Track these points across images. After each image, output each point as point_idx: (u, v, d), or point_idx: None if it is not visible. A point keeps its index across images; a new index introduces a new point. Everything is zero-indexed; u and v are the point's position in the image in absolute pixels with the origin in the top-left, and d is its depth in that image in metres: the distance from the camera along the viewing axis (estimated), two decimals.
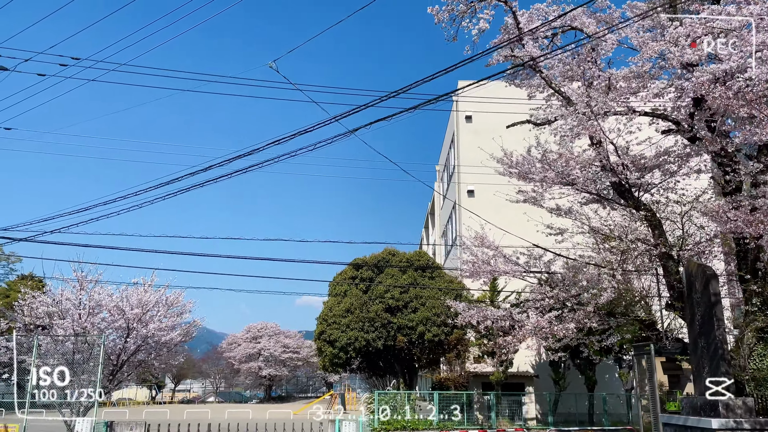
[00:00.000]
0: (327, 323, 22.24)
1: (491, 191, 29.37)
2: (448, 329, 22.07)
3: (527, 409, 24.95)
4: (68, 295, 21.34)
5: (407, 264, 23.42)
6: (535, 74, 15.40)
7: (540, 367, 26.98)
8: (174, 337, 23.71)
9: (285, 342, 77.74)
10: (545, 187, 14.42)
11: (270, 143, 10.83)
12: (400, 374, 24.38)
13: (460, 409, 22.40)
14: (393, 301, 22.29)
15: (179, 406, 59.03)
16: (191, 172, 12.33)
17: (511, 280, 19.90)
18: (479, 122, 30.20)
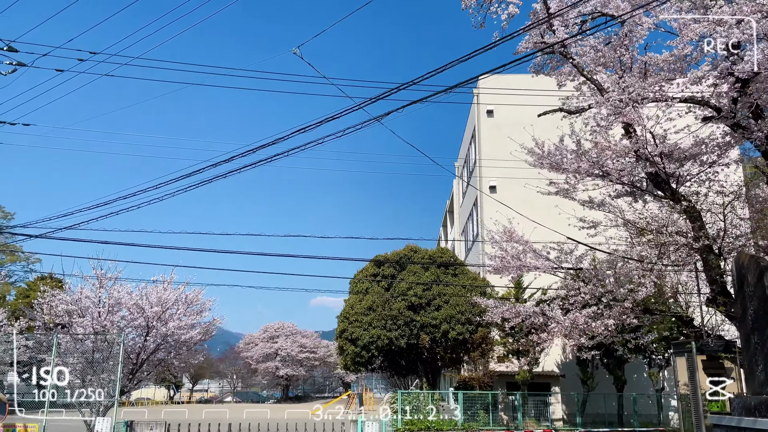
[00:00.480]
0: (348, 321, 21.78)
1: (514, 187, 28.79)
2: (473, 327, 21.52)
3: (553, 409, 24.32)
4: (87, 292, 21.11)
5: (430, 261, 22.89)
6: (566, 62, 14.80)
7: (566, 367, 26.32)
8: (194, 336, 23.40)
9: (302, 342, 77.57)
10: (579, 179, 13.84)
11: (296, 131, 10.40)
12: (423, 374, 23.88)
13: (485, 409, 21.86)
14: (416, 299, 21.78)
15: (197, 406, 59.05)
16: (213, 163, 11.93)
17: (538, 276, 19.34)
18: (501, 116, 29.60)
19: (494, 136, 28.89)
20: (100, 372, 21.11)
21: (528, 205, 27.98)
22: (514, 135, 28.88)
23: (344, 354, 21.86)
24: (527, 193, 28.89)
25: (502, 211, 26.29)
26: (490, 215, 17.56)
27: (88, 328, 20.97)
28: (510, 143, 28.37)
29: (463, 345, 22.21)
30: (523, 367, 22.74)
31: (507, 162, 28.65)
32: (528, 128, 26.89)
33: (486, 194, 28.78)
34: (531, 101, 29.98)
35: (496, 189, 28.65)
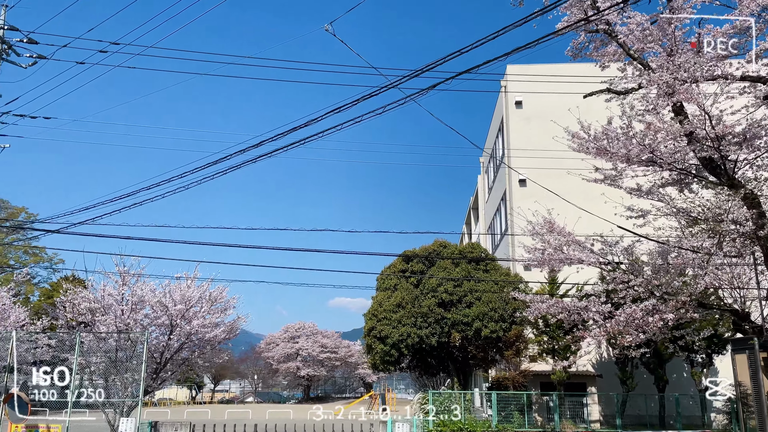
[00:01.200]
0: (377, 319, 21.04)
1: (545, 180, 27.81)
2: (506, 325, 20.65)
3: (589, 410, 23.34)
4: (110, 290, 20.63)
5: (460, 256, 22.07)
6: (611, 41, 13.93)
7: (602, 366, 25.31)
8: (218, 335, 22.82)
9: (323, 342, 77.05)
10: (628, 164, 12.96)
11: (331, 111, 9.67)
12: (454, 373, 23.05)
13: (519, 410, 20.99)
14: (446, 296, 20.96)
15: (219, 406, 58.76)
16: (241, 149, 11.26)
17: (580, 269, 18.47)
18: (530, 107, 28.67)
19: (523, 127, 27.99)
20: (123, 371, 20.62)
21: (558, 200, 27.03)
22: (545, 126, 27.95)
23: (372, 353, 21.12)
24: (559, 186, 27.92)
25: (534, 204, 25.37)
26: (520, 209, 16.67)
27: (111, 326, 20.49)
28: (540, 135, 27.48)
29: (496, 343, 21.35)
30: (558, 367, 21.81)
31: (537, 155, 27.77)
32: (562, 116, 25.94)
33: (515, 188, 27.88)
34: (563, 91, 29.03)
35: (525, 183, 27.71)
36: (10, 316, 21.83)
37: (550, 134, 27.46)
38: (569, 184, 27.89)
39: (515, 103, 28.66)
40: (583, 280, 21.46)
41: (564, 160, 27.08)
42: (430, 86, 10.84)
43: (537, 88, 28.84)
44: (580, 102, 26.04)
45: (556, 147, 26.80)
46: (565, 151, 25.69)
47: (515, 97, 28.63)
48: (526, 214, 15.74)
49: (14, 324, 21.72)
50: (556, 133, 22.81)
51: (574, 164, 27.41)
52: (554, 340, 21.50)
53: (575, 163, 26.15)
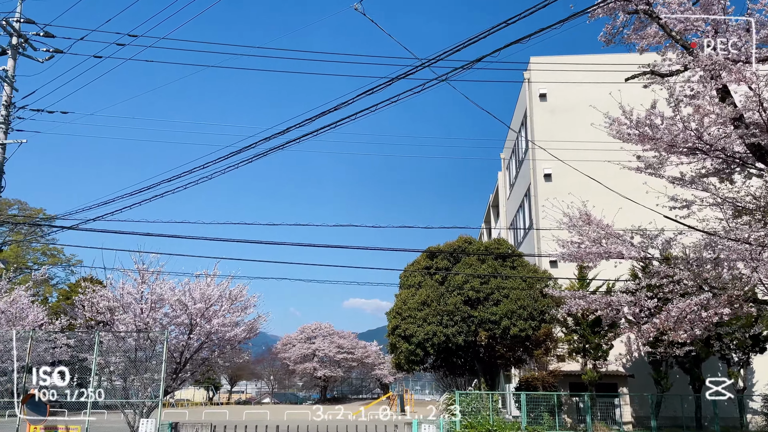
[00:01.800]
0: (401, 317, 20.42)
1: (571, 174, 27.02)
2: (536, 323, 19.94)
3: (621, 411, 22.55)
4: (129, 288, 20.21)
5: (486, 252, 21.38)
6: (651, 22, 13.21)
7: (632, 366, 24.51)
8: (238, 334, 22.32)
9: (339, 342, 76.55)
10: (673, 151, 12.24)
11: (362, 93, 9.09)
12: (481, 373, 22.35)
13: (549, 411, 20.27)
14: (473, 293, 20.29)
15: (237, 407, 58.50)
16: (266, 136, 10.72)
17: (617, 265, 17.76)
18: (555, 100, 27.91)
19: (548, 121, 27.24)
20: (142, 371, 20.19)
21: (590, 193, 26.25)
22: (571, 119, 27.23)
23: (397, 352, 20.49)
24: (586, 180, 27.15)
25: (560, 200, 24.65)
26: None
27: (130, 325, 20.07)
28: (566, 128, 26.71)
29: (524, 342, 20.65)
30: (589, 366, 21.08)
31: (563, 149, 27.00)
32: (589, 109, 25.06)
33: (540, 183, 27.14)
34: (590, 81, 28.22)
35: (551, 177, 26.98)
36: (29, 315, 21.51)
37: (577, 127, 26.75)
38: (598, 178, 27.13)
39: (539, 96, 27.91)
40: (612, 276, 20.74)
41: (592, 152, 26.33)
42: (461, 66, 10.24)
43: (562, 81, 28.09)
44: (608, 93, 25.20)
45: (584, 140, 26.05)
46: (594, 143, 24.95)
47: (539, 89, 27.88)
48: (561, 206, 15.03)
49: (32, 323, 21.39)
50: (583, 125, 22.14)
51: (603, 157, 26.62)
52: (585, 339, 20.76)
53: (604, 156, 25.37)
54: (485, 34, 9.96)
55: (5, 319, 20.66)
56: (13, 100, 18.23)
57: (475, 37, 9.64)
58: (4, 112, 17.99)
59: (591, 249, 13.74)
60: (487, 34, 10.03)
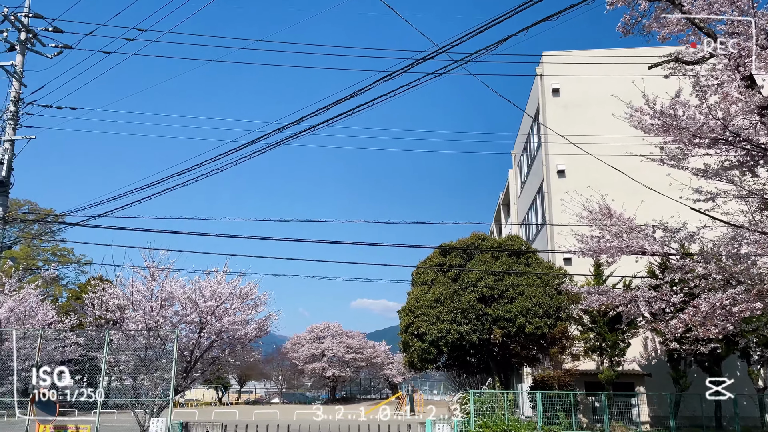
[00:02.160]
0: (414, 315, 20.08)
1: (585, 170, 26.63)
2: (551, 321, 19.56)
3: (638, 411, 22.11)
4: (139, 286, 19.99)
5: (500, 249, 21.03)
6: (674, 9, 12.84)
7: (649, 365, 24.09)
8: (249, 332, 22.07)
9: (348, 342, 76.25)
10: (696, 142, 11.85)
11: (382, 78, 8.78)
12: (495, 372, 21.99)
13: (565, 411, 19.88)
14: (487, 290, 19.93)
15: (246, 407, 58.35)
16: (279, 126, 10.43)
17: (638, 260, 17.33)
18: (569, 95, 27.49)
19: (561, 116, 26.83)
20: (153, 370, 19.98)
21: (605, 189, 25.80)
22: (585, 114, 26.80)
23: (410, 351, 20.16)
24: (600, 176, 26.72)
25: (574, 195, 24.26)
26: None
27: (140, 323, 19.86)
28: (580, 124, 26.30)
29: (539, 340, 20.27)
30: (606, 365, 20.68)
31: (578, 144, 26.57)
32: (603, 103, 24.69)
33: (553, 179, 26.74)
34: (604, 76, 27.80)
35: (565, 174, 26.58)
36: (38, 314, 21.31)
37: (590, 122, 26.33)
38: (612, 175, 26.70)
39: (552, 91, 27.52)
40: (627, 273, 20.34)
41: (607, 146, 25.90)
42: (476, 51, 9.92)
43: (576, 74, 27.68)
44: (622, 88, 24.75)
45: (598, 134, 25.64)
46: (609, 137, 24.53)
47: (552, 84, 27.48)
48: (580, 200, 14.65)
49: (42, 322, 21.21)
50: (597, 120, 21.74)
51: (618, 154, 26.18)
52: (601, 337, 20.36)
53: (619, 151, 24.93)
54: (502, 18, 9.64)
55: (14, 318, 20.48)
56: (21, 96, 18.05)
57: (493, 20, 9.31)
58: (12, 108, 17.79)
59: (612, 243, 13.36)
60: (502, 19, 9.72)
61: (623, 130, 23.87)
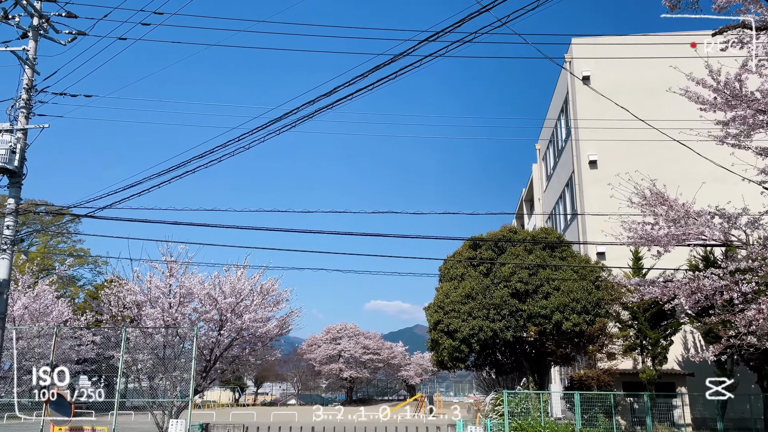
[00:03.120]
0: (443, 311, 19.08)
1: (618, 160, 25.47)
2: (590, 317, 18.47)
3: (679, 413, 20.94)
4: (157, 282, 19.21)
5: (533, 241, 19.97)
6: None
7: (689, 364, 22.91)
8: (270, 330, 21.22)
9: (365, 343, 75.30)
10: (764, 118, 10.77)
11: (421, 42, 7.82)
12: (528, 371, 20.92)
13: (605, 412, 18.78)
14: (521, 285, 18.87)
15: (264, 409, 57.65)
16: (309, 100, 9.52)
17: (692, 250, 16.28)
18: (600, 83, 26.33)
19: (592, 105, 25.69)
20: (171, 370, 19.19)
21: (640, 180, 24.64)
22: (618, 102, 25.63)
23: (439, 349, 19.16)
24: (634, 167, 25.51)
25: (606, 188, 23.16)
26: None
27: (158, 321, 19.08)
28: (613, 113, 25.15)
29: (576, 338, 19.18)
30: (647, 364, 19.56)
31: (609, 134, 25.48)
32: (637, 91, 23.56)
33: (585, 171, 25.61)
34: (638, 63, 26.63)
35: (596, 164, 25.44)
36: (53, 311, 20.58)
37: (625, 111, 25.17)
38: (648, 165, 25.52)
39: (582, 79, 26.38)
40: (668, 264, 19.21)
41: (639, 130, 24.75)
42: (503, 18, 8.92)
43: (607, 62, 26.55)
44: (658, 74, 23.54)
45: (632, 123, 24.45)
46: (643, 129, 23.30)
47: (582, 71, 26.35)
48: (639, 181, 13.60)
49: (57, 320, 20.47)
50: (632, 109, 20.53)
51: (652, 143, 24.99)
52: (642, 335, 19.23)
53: (654, 142, 23.76)
54: None
55: (28, 315, 19.76)
56: (34, 83, 17.31)
57: None
58: (25, 96, 17.00)
59: (667, 231, 12.29)
60: None
61: (661, 116, 22.70)
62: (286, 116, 9.85)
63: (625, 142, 25.30)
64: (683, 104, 24.43)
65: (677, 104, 25.17)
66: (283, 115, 9.80)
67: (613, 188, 13.87)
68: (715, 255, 19.68)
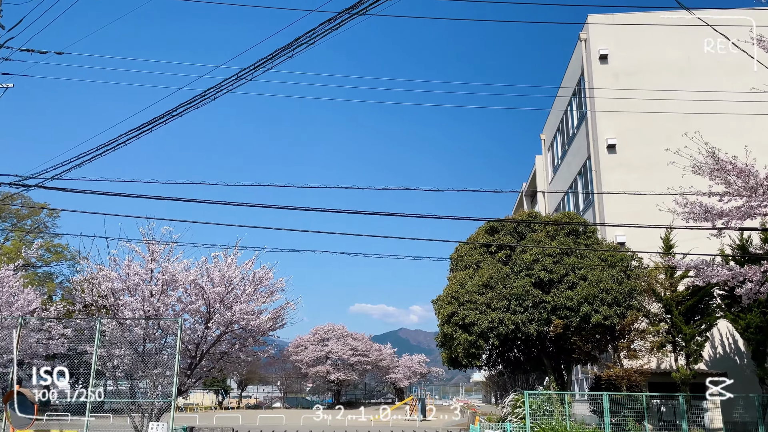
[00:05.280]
0: (458, 302, 17.12)
1: (639, 145, 23.77)
2: (621, 310, 16.64)
3: (710, 416, 19.20)
4: (136, 267, 17.05)
5: (557, 224, 18.11)
6: None
7: (721, 361, 21.24)
8: (263, 323, 19.12)
9: (353, 345, 73.21)
10: None
11: None
12: (550, 370, 19.03)
13: (635, 415, 16.96)
14: (545, 273, 16.98)
15: (248, 412, 55.32)
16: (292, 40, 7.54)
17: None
18: (619, 62, 24.62)
19: (611, 85, 23.95)
20: (152, 367, 17.05)
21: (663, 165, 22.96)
22: (639, 83, 23.92)
23: (453, 344, 17.18)
24: (657, 152, 23.81)
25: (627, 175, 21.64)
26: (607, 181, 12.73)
27: (138, 311, 16.91)
28: (632, 94, 23.46)
29: (606, 333, 17.34)
30: (681, 362, 17.78)
31: (630, 115, 23.78)
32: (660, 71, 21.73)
33: (603, 155, 23.83)
34: (656, 41, 24.95)
35: (615, 148, 23.68)
36: (18, 300, 18.27)
37: (645, 92, 23.50)
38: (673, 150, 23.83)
39: (599, 58, 24.63)
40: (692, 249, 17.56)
41: (663, 114, 23.09)
42: None
43: (626, 40, 24.86)
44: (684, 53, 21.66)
45: (654, 105, 22.75)
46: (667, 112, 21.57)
47: (600, 50, 24.60)
48: (704, 145, 11.77)
49: (22, 309, 18.17)
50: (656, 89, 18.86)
51: (676, 126, 23.26)
52: (676, 330, 17.45)
53: (679, 125, 22.05)
54: None
55: None
56: None
57: None
58: None
59: (742, 203, 10.48)
60: None
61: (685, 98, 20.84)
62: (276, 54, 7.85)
63: (646, 126, 23.62)
64: (709, 83, 22.63)
65: (703, 83, 23.62)
66: (272, 53, 7.79)
67: (673, 152, 11.98)
68: (753, 242, 18.05)
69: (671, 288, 17.97)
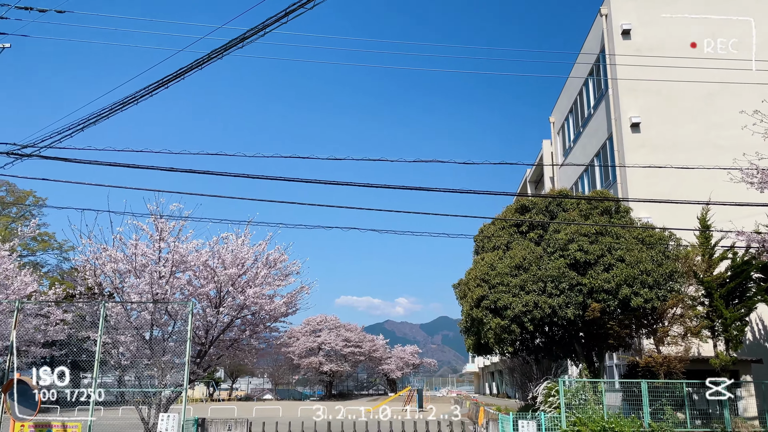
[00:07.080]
0: (488, 285, 16.07)
1: (663, 124, 22.88)
2: (662, 293, 15.70)
3: (744, 405, 18.42)
4: (143, 247, 15.76)
5: (589, 206, 17.12)
6: None
7: (756, 348, 20.51)
8: (277, 307, 17.92)
9: (346, 335, 72.24)
10: None
11: None
12: (582, 356, 18.09)
13: (675, 404, 16.08)
14: (581, 254, 15.97)
15: (241, 404, 54.18)
16: None
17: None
18: (642, 38, 23.64)
19: (633, 61, 22.97)
20: (160, 354, 15.83)
21: (688, 146, 22.11)
22: (660, 61, 23.00)
23: (484, 329, 16.14)
24: (682, 131, 22.95)
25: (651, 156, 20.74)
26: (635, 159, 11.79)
27: (145, 294, 15.64)
28: (658, 71, 22.56)
29: (647, 317, 16.42)
30: (720, 348, 16.95)
31: (657, 92, 22.87)
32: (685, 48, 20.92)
33: (626, 135, 22.89)
34: (680, 15, 24.03)
35: (639, 127, 22.75)
36: (13, 282, 16.89)
37: (669, 69, 22.61)
38: (700, 129, 22.99)
39: (622, 33, 23.63)
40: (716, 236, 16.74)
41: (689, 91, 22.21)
42: None
43: (649, 15, 23.90)
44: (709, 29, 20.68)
45: (680, 85, 21.85)
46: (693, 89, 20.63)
47: (622, 25, 23.60)
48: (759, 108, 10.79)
49: (18, 293, 16.79)
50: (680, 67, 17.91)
51: (703, 104, 22.34)
52: (716, 313, 16.58)
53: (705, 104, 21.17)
54: None
55: None
56: None
57: None
58: None
59: None
60: None
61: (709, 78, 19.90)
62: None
63: (672, 105, 22.72)
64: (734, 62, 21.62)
65: (728, 62, 22.77)
66: None
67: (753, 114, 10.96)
68: None
69: (709, 270, 17.13)
